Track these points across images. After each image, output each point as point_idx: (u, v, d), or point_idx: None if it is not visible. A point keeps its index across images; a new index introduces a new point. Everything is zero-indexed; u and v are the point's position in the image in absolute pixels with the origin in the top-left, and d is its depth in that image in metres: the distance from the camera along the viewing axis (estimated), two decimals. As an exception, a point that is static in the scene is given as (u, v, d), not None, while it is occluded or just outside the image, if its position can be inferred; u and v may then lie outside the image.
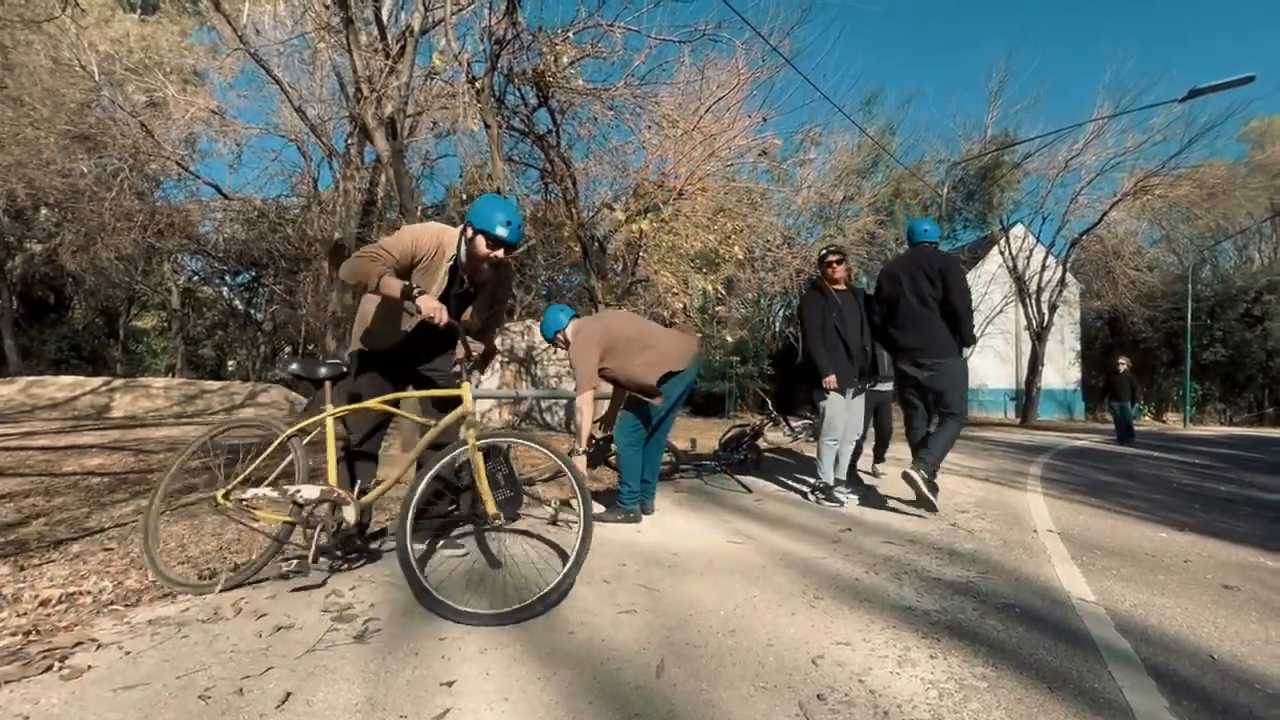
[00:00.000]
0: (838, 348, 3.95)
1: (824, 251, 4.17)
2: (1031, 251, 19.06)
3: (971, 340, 3.81)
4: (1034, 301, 18.90)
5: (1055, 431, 14.70)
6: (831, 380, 3.87)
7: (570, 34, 6.48)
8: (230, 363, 28.51)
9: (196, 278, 22.45)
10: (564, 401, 11.50)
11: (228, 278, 22.80)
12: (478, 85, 6.01)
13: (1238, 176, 21.13)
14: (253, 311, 24.77)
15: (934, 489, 3.57)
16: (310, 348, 22.11)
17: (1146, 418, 26.31)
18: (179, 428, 8.17)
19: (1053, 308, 18.82)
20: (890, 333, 3.93)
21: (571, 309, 3.58)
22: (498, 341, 14.09)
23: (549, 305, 3.89)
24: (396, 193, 6.14)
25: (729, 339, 14.42)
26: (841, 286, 4.10)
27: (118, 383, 12.64)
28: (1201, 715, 1.52)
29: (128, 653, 1.68)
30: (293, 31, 8.31)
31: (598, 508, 3.31)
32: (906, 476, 3.59)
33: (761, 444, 6.10)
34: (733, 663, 1.70)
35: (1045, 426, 17.38)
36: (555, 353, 11.89)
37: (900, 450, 5.25)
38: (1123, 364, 10.63)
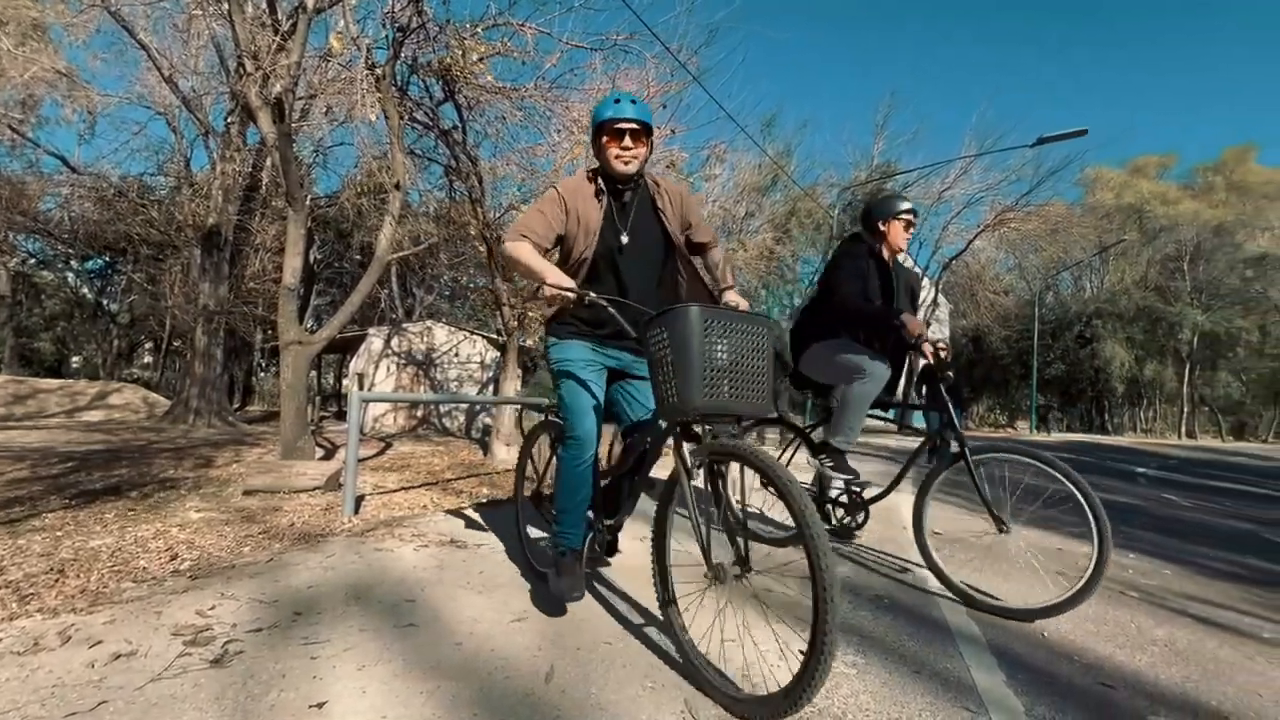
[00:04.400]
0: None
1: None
2: (910, 273, 20.90)
3: None
4: (911, 319, 20.74)
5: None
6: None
7: (480, 29, 6.31)
8: (75, 359, 25.04)
9: (33, 260, 19.55)
10: (464, 406, 11.12)
11: (74, 262, 20.05)
12: (378, 73, 5.70)
13: (1074, 216, 24.30)
14: (105, 301, 21.91)
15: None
16: (176, 344, 19.90)
17: (1006, 428, 29.45)
18: (4, 432, 7.05)
19: (926, 324, 20.72)
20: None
21: None
22: (394, 342, 13.28)
23: None
24: (283, 179, 5.69)
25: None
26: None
27: (-79, 379, 10.73)
28: (1030, 684, 1.72)
29: (-85, 696, 1.42)
30: (163, -7, 7.50)
31: None
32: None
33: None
34: (623, 664, 1.72)
35: (920, 433, 19.02)
36: (455, 355, 11.46)
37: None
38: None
